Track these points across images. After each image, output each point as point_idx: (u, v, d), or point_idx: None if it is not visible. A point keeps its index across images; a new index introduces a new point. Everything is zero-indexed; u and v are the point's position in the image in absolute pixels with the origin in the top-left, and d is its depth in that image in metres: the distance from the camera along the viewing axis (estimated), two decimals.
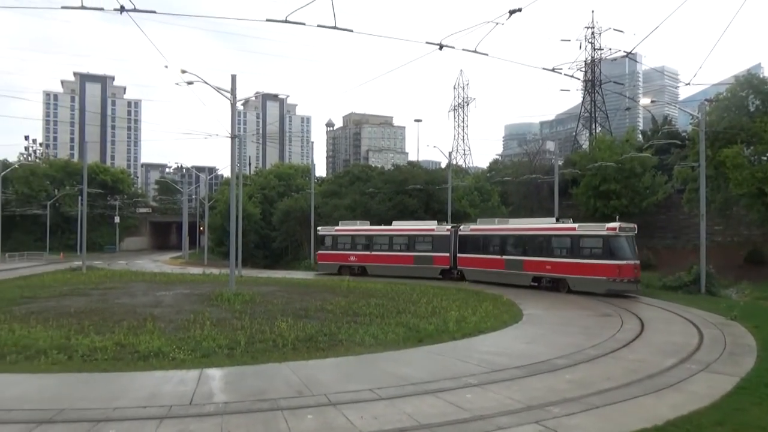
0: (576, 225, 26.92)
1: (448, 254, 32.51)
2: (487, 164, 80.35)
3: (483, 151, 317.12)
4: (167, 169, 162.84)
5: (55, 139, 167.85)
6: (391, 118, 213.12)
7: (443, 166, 71.36)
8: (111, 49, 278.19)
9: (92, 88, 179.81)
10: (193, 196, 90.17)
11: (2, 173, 55.46)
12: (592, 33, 70.44)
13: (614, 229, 24.76)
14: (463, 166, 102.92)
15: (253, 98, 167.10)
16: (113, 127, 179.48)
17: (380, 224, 38.19)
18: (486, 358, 11.77)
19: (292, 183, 71.19)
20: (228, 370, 10.81)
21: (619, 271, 24.21)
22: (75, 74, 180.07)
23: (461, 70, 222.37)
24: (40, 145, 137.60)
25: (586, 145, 68.04)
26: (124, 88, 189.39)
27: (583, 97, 73.22)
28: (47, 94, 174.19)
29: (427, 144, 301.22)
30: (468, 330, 14.97)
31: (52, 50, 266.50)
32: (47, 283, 27.80)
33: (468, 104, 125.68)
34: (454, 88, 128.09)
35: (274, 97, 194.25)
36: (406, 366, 11.09)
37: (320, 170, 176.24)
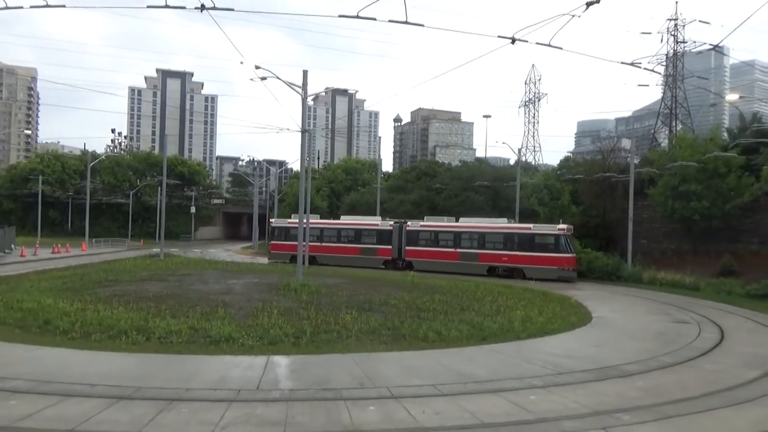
0: (531, 225, 33.09)
1: (391, 247, 36.36)
2: (558, 162, 78.16)
3: (554, 148, 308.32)
4: (240, 162, 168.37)
5: (138, 132, 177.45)
6: (460, 113, 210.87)
7: (512, 163, 70.09)
8: (191, 46, 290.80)
9: (173, 84, 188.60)
10: (264, 189, 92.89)
11: (91, 164, 59.38)
12: (675, 25, 66.80)
13: (564, 229, 31.29)
14: (533, 163, 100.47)
15: (323, 93, 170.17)
16: (191, 121, 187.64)
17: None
18: (552, 360, 11.48)
19: (359, 177, 72.00)
20: (293, 358, 11.10)
21: (567, 262, 30.70)
22: (157, 71, 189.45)
23: (533, 65, 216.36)
24: (125, 138, 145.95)
25: (665, 143, 64.78)
26: (202, 84, 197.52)
27: (664, 93, 69.66)
28: (132, 90, 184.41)
29: (496, 140, 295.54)
30: (533, 330, 14.65)
31: (138, 47, 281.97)
32: (128, 268, 29.45)
33: (539, 100, 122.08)
34: (526, 83, 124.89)
35: (344, 92, 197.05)
36: (468, 363, 10.99)
37: (387, 165, 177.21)
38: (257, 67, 22.85)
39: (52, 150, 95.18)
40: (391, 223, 37.30)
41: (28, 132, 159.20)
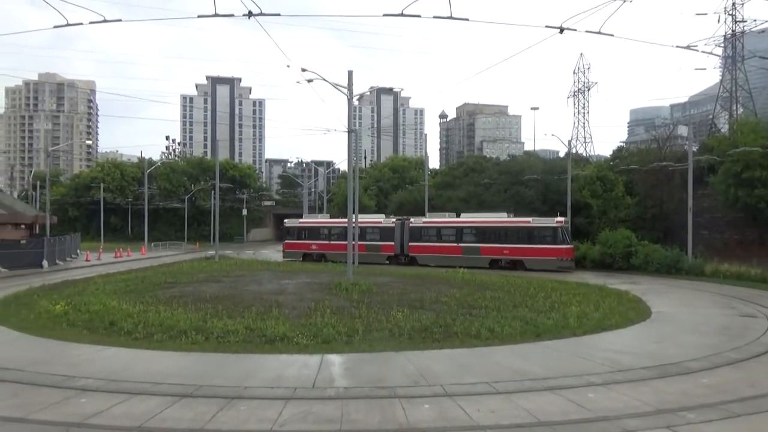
0: (530, 219, 34.49)
1: (393, 243, 38.05)
2: (611, 152, 75.85)
3: (605, 138, 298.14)
4: (288, 164, 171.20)
5: (190, 138, 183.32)
6: (506, 107, 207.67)
7: (562, 155, 68.36)
8: (238, 52, 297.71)
9: (222, 90, 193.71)
10: (313, 189, 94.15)
11: (148, 170, 61.72)
12: (733, 4, 63.60)
13: (561, 222, 33.24)
14: (584, 154, 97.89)
15: (368, 93, 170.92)
16: (240, 126, 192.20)
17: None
18: (610, 357, 11.18)
19: (406, 175, 71.93)
20: (347, 356, 11.22)
21: (565, 253, 32.56)
22: (207, 77, 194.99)
23: (581, 54, 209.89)
24: (179, 144, 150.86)
25: (725, 128, 61.86)
26: (250, 89, 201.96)
27: (722, 76, 66.55)
28: (184, 97, 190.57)
29: (545, 133, 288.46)
30: (590, 326, 14.30)
31: (188, 56, 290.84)
32: (186, 270, 30.45)
33: (589, 89, 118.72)
34: (574, 72, 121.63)
35: (389, 90, 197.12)
36: (523, 360, 10.84)
37: (433, 162, 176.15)
38: (303, 70, 23.18)
39: (112, 159, 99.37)
40: (393, 220, 38.99)
41: (89, 142, 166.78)
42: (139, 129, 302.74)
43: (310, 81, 23.94)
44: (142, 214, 59.67)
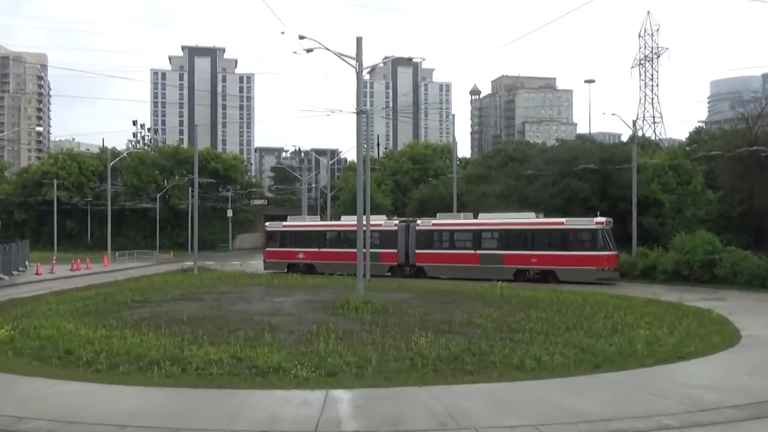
0: (563, 219, 34.86)
1: (396, 250, 38.01)
2: (686, 135, 75.22)
3: (680, 117, 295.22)
4: (284, 154, 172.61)
5: (163, 123, 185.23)
6: (554, 80, 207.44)
7: (624, 139, 68.01)
8: (221, 16, 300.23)
9: (201, 63, 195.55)
10: (313, 185, 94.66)
11: (111, 163, 62.30)
12: None
13: (602, 223, 33.03)
14: (653, 138, 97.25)
15: (382, 64, 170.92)
16: (224, 107, 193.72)
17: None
18: (689, 393, 11.05)
19: (429, 166, 72.11)
20: (357, 392, 11.20)
21: (607, 261, 32.72)
22: (183, 48, 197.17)
23: (648, 12, 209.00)
24: (148, 130, 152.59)
25: None
26: (236, 62, 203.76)
27: None
28: (155, 73, 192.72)
29: (603, 111, 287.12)
30: (662, 354, 14.16)
31: (160, 22, 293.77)
32: (158, 286, 30.70)
33: (658, 56, 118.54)
34: (640, 36, 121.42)
35: (407, 61, 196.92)
36: (578, 397, 10.75)
37: (464, 149, 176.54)
38: (301, 38, 23.29)
39: (67, 149, 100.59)
40: (396, 222, 39.08)
41: (40, 129, 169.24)
42: (101, 112, 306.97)
43: (309, 51, 24.03)
44: (105, 217, 60.46)
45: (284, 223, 44.13)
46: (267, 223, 46.55)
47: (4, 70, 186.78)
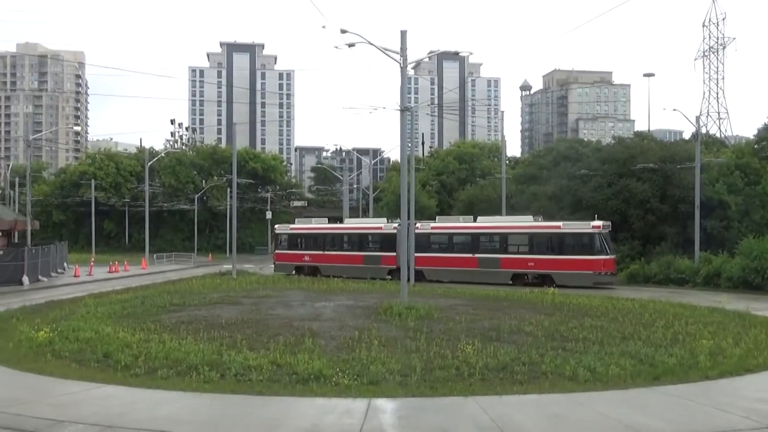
0: (560, 223, 35.94)
1: (395, 254, 38.30)
2: (755, 132, 73.24)
3: (747, 113, 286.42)
4: (324, 153, 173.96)
5: (201, 121, 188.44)
6: (610, 74, 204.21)
7: (687, 137, 66.59)
8: (261, 11, 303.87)
9: (240, 60, 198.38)
10: (355, 185, 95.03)
11: (149, 163, 63.53)
12: None
13: (599, 226, 34.11)
14: (718, 135, 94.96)
15: (427, 59, 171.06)
16: (263, 105, 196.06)
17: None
18: (757, 408, 10.78)
19: (476, 166, 71.71)
20: (401, 401, 11.23)
21: (604, 265, 33.96)
22: (222, 44, 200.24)
23: (713, 1, 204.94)
24: (186, 129, 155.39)
25: None
26: (275, 58, 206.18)
27: None
28: (193, 70, 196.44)
29: (663, 107, 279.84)
30: (728, 367, 13.83)
31: (198, 18, 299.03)
32: (196, 289, 31.28)
33: (724, 48, 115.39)
34: (704, 25, 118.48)
35: (454, 55, 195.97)
36: (636, 412, 10.59)
37: (513, 148, 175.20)
38: (343, 32, 23.44)
39: (105, 149, 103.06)
40: (395, 225, 39.69)
41: (78, 128, 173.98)
42: (139, 111, 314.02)
43: (351, 45, 24.18)
44: (142, 218, 61.68)
45: (292, 226, 46.34)
46: (276, 226, 48.57)
47: (42, 69, 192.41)
